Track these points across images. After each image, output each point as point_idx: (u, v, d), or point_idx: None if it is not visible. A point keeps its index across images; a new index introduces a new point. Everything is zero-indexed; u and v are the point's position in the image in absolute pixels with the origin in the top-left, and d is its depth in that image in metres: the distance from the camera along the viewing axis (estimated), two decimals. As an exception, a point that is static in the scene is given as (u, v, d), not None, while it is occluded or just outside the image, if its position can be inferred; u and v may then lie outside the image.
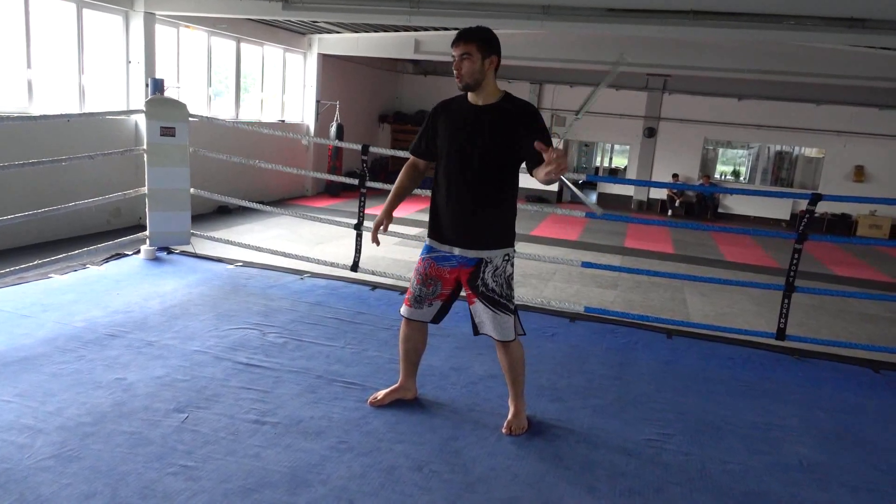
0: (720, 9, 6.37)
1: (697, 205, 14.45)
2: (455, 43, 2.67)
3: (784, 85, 12.87)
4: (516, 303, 3.01)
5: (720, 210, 14.37)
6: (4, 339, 3.57)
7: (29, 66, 6.73)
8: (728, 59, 9.85)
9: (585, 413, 3.26)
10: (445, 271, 2.91)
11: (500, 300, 2.86)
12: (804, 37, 6.58)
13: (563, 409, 3.28)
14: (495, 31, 2.76)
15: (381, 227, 3.03)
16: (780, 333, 4.47)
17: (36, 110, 6.80)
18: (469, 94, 2.79)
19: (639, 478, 2.70)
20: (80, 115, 6.93)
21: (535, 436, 2.98)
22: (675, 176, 14.28)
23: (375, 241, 3.06)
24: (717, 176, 15.39)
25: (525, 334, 3.01)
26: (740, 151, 16.02)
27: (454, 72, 2.71)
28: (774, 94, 13.38)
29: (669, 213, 14.36)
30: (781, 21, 6.26)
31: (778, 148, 14.86)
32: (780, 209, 14.01)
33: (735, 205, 14.37)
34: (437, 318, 3.05)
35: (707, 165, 15.00)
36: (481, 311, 2.89)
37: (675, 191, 14.41)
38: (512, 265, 2.90)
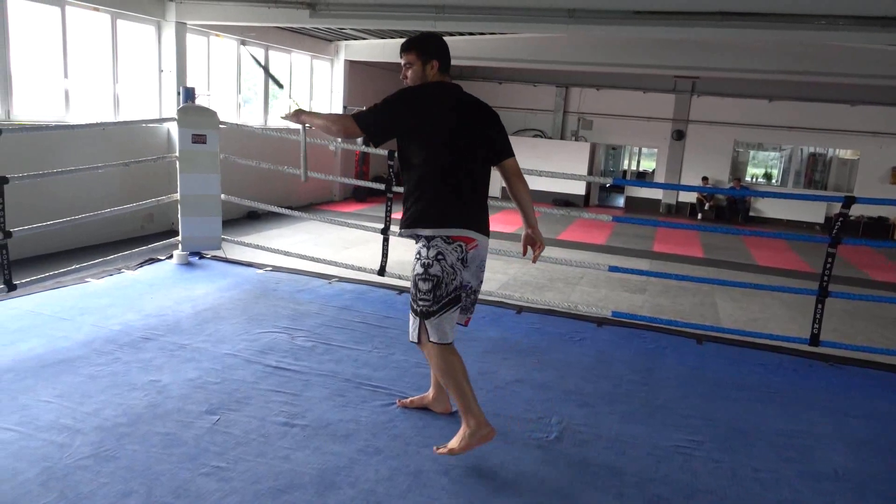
0: (749, 9, 6.28)
1: (728, 208, 14.24)
2: (400, 54, 2.81)
3: (816, 85, 12.63)
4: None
5: (751, 213, 14.14)
6: (44, 341, 3.68)
7: (66, 75, 6.93)
8: (758, 59, 9.70)
9: (613, 418, 3.24)
10: None
11: (411, 296, 2.72)
12: (837, 37, 6.45)
13: (591, 414, 3.26)
14: (521, 35, 2.79)
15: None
16: (814, 339, 4.39)
17: (73, 119, 6.99)
18: None
19: (668, 485, 2.68)
20: (115, 123, 7.10)
21: (561, 441, 2.97)
22: (704, 179, 14.09)
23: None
24: (748, 179, 15.15)
25: (432, 342, 2.64)
26: (772, 154, 15.75)
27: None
28: (807, 94, 13.14)
29: (699, 216, 14.17)
30: (813, 21, 6.14)
31: (811, 150, 14.58)
32: (813, 212, 13.72)
33: (767, 208, 14.13)
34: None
35: (738, 168, 14.77)
36: None
37: (704, 194, 14.22)
38: (424, 266, 2.61)
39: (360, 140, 2.99)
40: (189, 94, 5.49)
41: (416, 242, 2.72)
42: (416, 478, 2.59)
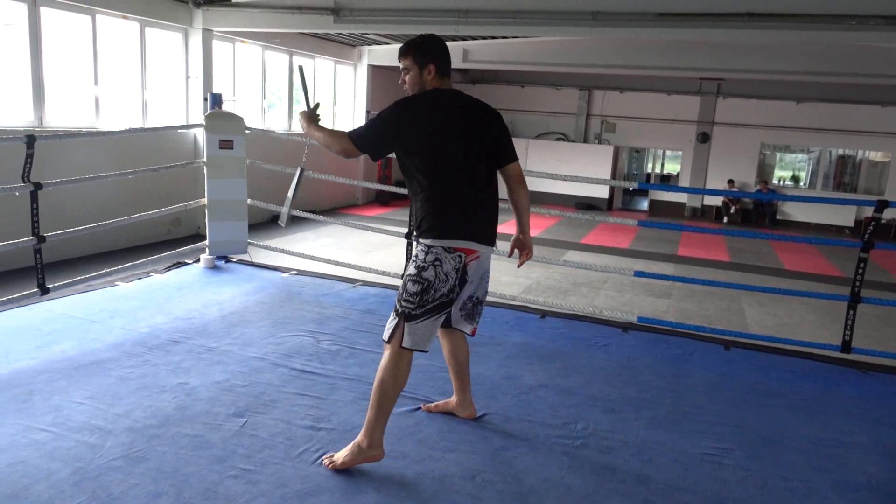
0: (776, 10, 6.20)
1: (754, 212, 14.04)
2: (398, 58, 2.76)
3: (846, 86, 12.41)
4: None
5: (778, 217, 13.92)
6: (76, 343, 3.75)
7: (96, 83, 7.08)
8: (785, 61, 9.56)
9: (639, 425, 3.21)
10: None
11: (397, 295, 2.67)
12: (867, 37, 6.33)
13: (617, 421, 3.23)
14: (543, 39, 2.76)
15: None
16: (846, 346, 4.30)
17: (103, 125, 7.13)
18: None
19: (696, 493, 2.64)
20: (144, 129, 7.22)
21: (587, 447, 2.95)
22: (730, 182, 13.91)
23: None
24: (774, 182, 14.92)
25: (405, 348, 2.59)
26: (800, 156, 15.49)
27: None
28: (835, 96, 12.91)
29: (725, 220, 13.99)
30: (843, 21, 6.04)
31: (840, 152, 14.31)
32: (843, 216, 13.45)
33: (795, 211, 13.89)
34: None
35: (764, 171, 14.55)
36: None
37: (730, 197, 14.02)
38: (418, 268, 2.58)
39: None
40: (216, 100, 5.57)
41: (416, 246, 2.71)
42: (441, 483, 2.59)
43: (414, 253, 2.69)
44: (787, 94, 13.24)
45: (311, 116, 2.90)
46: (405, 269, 2.68)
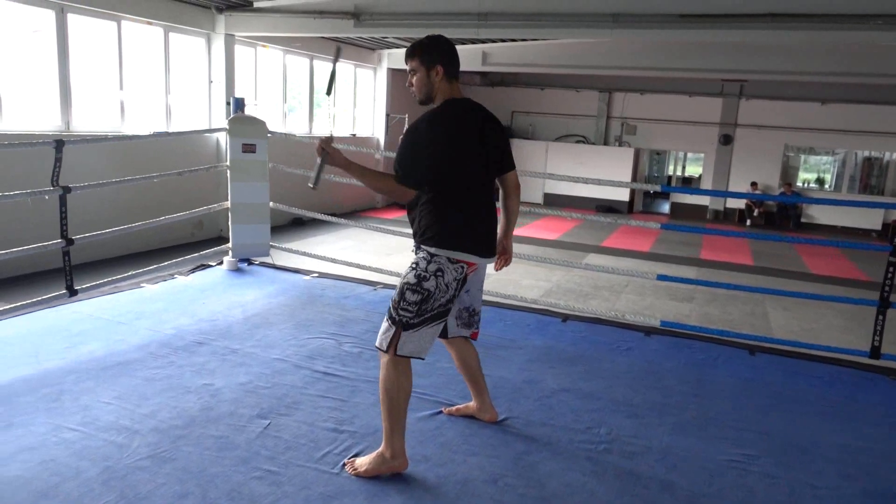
0: (800, 10, 6.11)
1: (778, 214, 13.84)
2: (405, 60, 2.70)
3: (872, 87, 12.20)
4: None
5: (803, 220, 13.71)
6: (103, 344, 3.81)
7: (121, 87, 7.19)
8: (810, 61, 9.42)
9: (663, 430, 3.18)
10: None
11: (391, 302, 2.61)
12: (893, 37, 6.22)
13: (640, 426, 3.21)
14: (563, 41, 2.71)
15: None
16: (875, 352, 4.22)
17: (127, 129, 7.24)
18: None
19: (722, 500, 2.61)
20: (169, 133, 7.32)
21: (611, 452, 2.93)
22: (753, 184, 13.73)
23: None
24: (799, 184, 14.71)
25: (400, 355, 2.56)
26: (824, 158, 15.26)
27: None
28: (861, 97, 12.69)
29: (748, 223, 13.81)
30: (868, 21, 5.94)
31: (866, 154, 14.06)
32: (869, 219, 13.21)
33: (820, 214, 13.67)
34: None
35: (788, 173, 14.35)
36: None
37: (754, 200, 13.84)
38: (419, 277, 2.54)
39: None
40: (239, 105, 5.63)
41: (416, 252, 2.66)
42: (464, 486, 2.59)
43: (414, 259, 2.63)
44: (812, 96, 13.05)
45: (338, 152, 2.60)
46: (404, 275, 2.61)
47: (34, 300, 4.17)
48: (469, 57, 11.40)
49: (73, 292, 4.32)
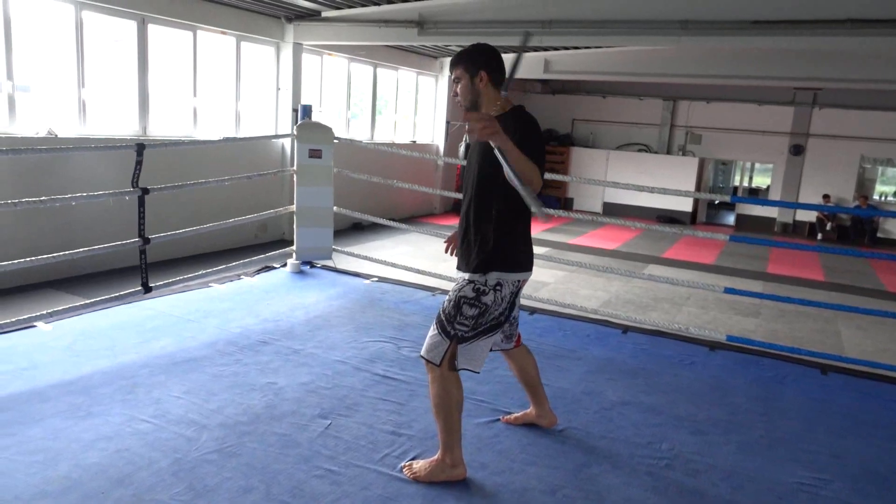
0: (882, 16, 5.82)
1: (852, 228, 13.18)
2: (450, 69, 2.69)
3: (959, 96, 11.51)
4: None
5: (879, 234, 13.01)
6: (174, 340, 3.98)
7: (195, 94, 7.50)
8: (889, 68, 8.96)
9: (729, 449, 3.08)
10: None
11: (441, 315, 2.58)
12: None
13: (704, 443, 3.11)
14: (627, 48, 2.64)
15: None
16: (959, 376, 3.97)
17: (199, 135, 7.54)
18: None
19: (791, 524, 2.51)
20: (239, 139, 7.59)
21: (673, 468, 2.86)
22: (826, 197, 13.14)
23: None
24: (875, 197, 13.98)
25: (457, 370, 2.58)
26: (904, 170, 14.47)
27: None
28: (946, 106, 11.99)
29: (819, 236, 13.22)
30: (956, 27, 5.62)
31: (951, 166, 13.27)
32: (953, 234, 12.45)
33: (897, 229, 12.97)
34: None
35: (864, 185, 13.67)
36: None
37: (826, 213, 13.25)
38: (477, 291, 2.52)
39: (461, 152, 2.87)
40: (307, 112, 5.78)
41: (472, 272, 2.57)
42: (522, 496, 2.57)
43: (459, 284, 2.60)
44: (891, 104, 12.40)
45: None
46: (458, 287, 2.57)
47: (112, 296, 4.39)
48: (531, 65, 11.36)
49: (147, 289, 4.52)
